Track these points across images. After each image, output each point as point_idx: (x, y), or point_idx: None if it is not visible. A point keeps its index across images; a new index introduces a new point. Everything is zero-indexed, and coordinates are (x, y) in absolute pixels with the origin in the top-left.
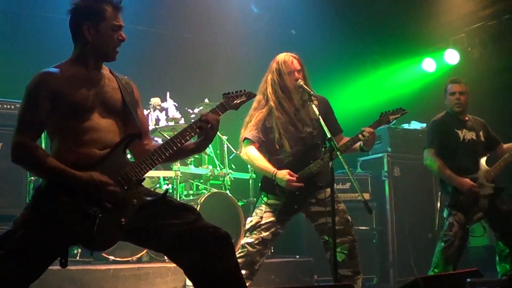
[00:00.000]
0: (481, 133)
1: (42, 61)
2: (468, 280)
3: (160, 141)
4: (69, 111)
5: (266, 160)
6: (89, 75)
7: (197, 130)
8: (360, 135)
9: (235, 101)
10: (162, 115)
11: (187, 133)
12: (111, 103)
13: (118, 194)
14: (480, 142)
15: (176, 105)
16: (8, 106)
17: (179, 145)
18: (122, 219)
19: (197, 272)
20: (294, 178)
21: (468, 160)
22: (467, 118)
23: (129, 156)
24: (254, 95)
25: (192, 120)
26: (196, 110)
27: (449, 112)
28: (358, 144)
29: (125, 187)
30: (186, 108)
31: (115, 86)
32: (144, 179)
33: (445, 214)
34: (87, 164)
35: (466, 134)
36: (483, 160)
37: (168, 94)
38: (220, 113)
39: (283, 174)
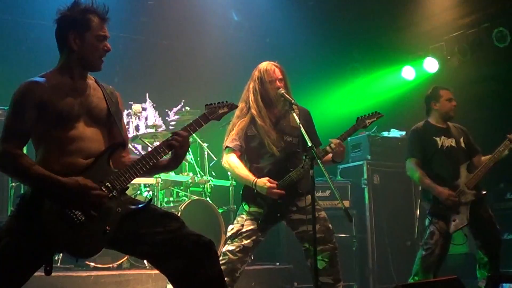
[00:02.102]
0: (461, 139)
1: (29, 68)
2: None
3: (140, 148)
4: (54, 120)
5: (247, 168)
6: (75, 84)
7: (167, 148)
8: (327, 148)
9: (217, 112)
10: (142, 122)
11: (159, 151)
12: (96, 112)
13: (104, 197)
14: (460, 148)
15: (155, 104)
16: None
17: (155, 160)
18: (107, 227)
19: (181, 280)
20: (275, 185)
21: (447, 167)
22: (446, 125)
23: None
24: (236, 106)
25: (171, 127)
26: (175, 117)
27: (428, 121)
28: (329, 156)
29: (110, 196)
30: (166, 110)
31: (100, 96)
32: (128, 187)
33: (426, 222)
34: (72, 172)
35: (445, 141)
36: (463, 167)
37: (147, 95)
38: (202, 124)
39: (263, 182)
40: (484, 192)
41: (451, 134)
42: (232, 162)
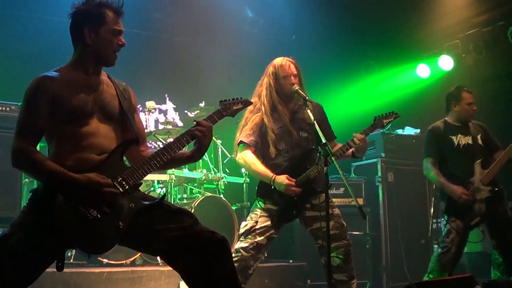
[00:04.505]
0: (478, 136)
1: (40, 64)
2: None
3: (154, 144)
4: (67, 116)
5: (263, 164)
6: (88, 80)
7: (191, 137)
8: (351, 142)
9: (232, 108)
10: (161, 117)
11: (181, 141)
12: (109, 109)
13: (116, 195)
14: (477, 145)
15: (175, 106)
16: (5, 108)
17: (172, 153)
18: (120, 223)
19: (194, 277)
20: (293, 183)
21: (463, 165)
22: (464, 123)
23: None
24: (251, 103)
25: (181, 123)
26: (191, 114)
27: (446, 120)
28: (350, 150)
29: (122, 192)
30: (186, 112)
31: (113, 93)
32: (141, 183)
33: (443, 221)
34: (85, 169)
35: (461, 140)
36: (478, 164)
37: (167, 97)
38: (216, 120)
39: (282, 179)
40: (496, 188)
41: (468, 131)
42: (248, 158)
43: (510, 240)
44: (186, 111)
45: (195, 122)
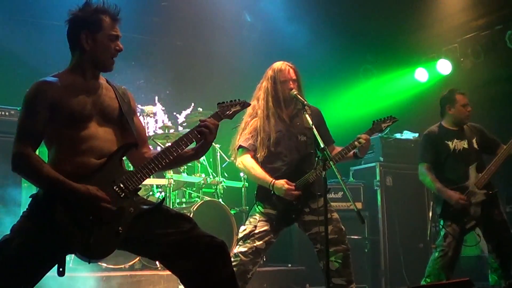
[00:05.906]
0: (474, 140)
1: (39, 69)
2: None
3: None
4: (66, 120)
5: (262, 169)
6: (87, 84)
7: (197, 135)
8: (356, 142)
9: (229, 110)
10: (153, 122)
11: (185, 141)
12: (108, 112)
13: (112, 212)
14: (473, 149)
15: (164, 109)
16: (5, 113)
17: (175, 153)
18: (119, 228)
19: (193, 281)
20: (293, 187)
21: (459, 170)
22: (459, 127)
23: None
24: (249, 105)
25: (180, 128)
26: (183, 114)
27: (442, 124)
28: (352, 152)
29: (122, 196)
30: (175, 113)
31: (112, 96)
32: (141, 188)
33: (440, 224)
34: (84, 173)
35: (457, 144)
36: (472, 168)
37: (156, 98)
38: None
39: (282, 184)
40: (491, 192)
41: (463, 135)
42: (248, 162)
43: (505, 243)
44: (175, 113)
45: (200, 121)
